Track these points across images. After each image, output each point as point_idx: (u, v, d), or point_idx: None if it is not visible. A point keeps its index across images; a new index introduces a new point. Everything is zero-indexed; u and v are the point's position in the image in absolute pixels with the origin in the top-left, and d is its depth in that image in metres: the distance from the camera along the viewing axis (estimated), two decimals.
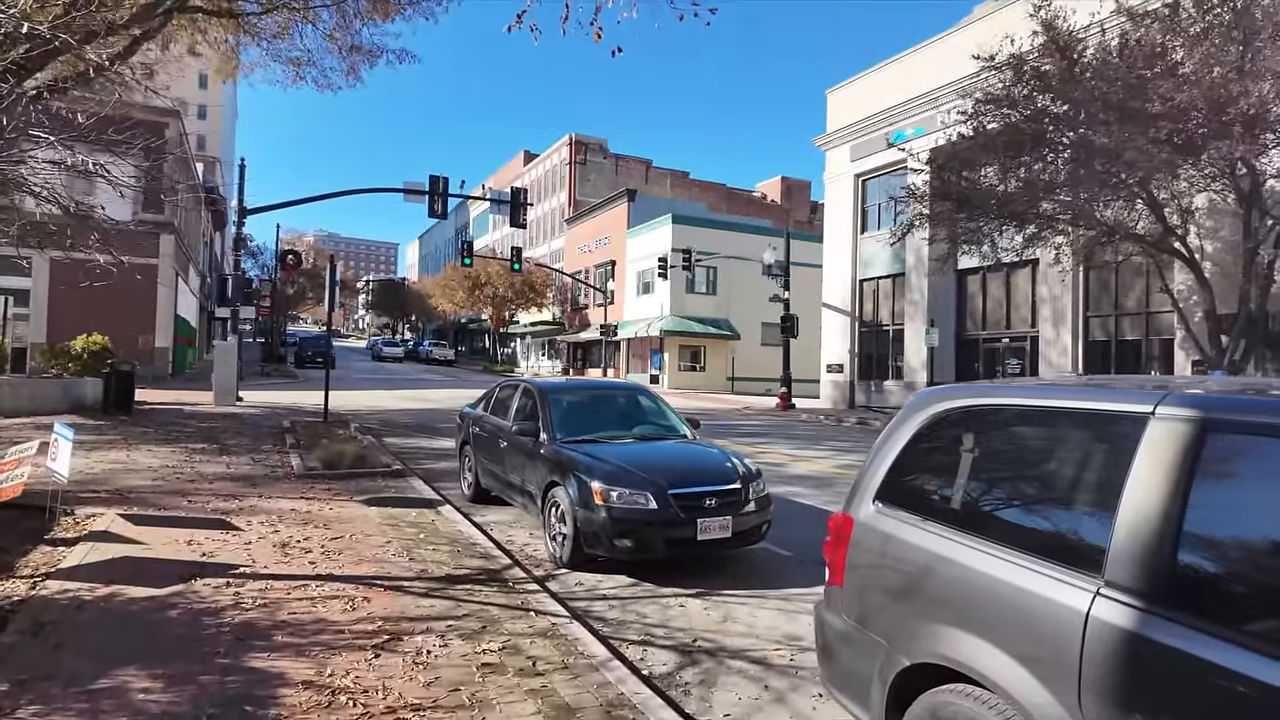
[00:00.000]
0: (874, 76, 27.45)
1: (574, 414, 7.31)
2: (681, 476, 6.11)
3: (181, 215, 32.43)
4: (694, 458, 6.66)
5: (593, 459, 6.25)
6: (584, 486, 5.97)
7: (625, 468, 6.08)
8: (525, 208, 23.79)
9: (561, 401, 7.41)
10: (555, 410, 7.19)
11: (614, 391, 8.24)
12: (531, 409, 7.55)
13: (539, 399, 7.40)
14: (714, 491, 6.00)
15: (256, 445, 11.74)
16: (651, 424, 7.57)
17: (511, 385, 8.44)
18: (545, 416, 7.11)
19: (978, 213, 14.51)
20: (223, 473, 9.23)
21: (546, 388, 7.65)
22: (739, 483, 6.19)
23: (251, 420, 15.34)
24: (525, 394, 7.86)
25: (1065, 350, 20.55)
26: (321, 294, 57.54)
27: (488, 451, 8.17)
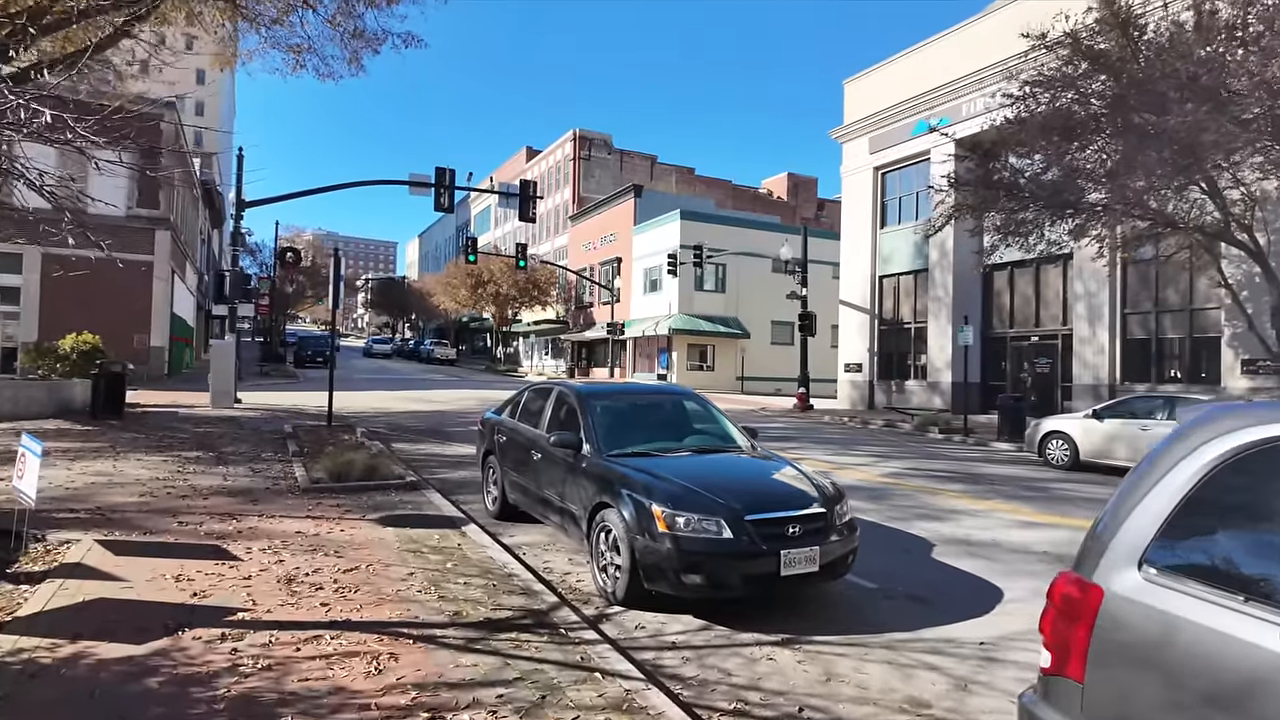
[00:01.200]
0: (893, 66, 26.54)
1: (619, 422, 6.40)
2: (757, 498, 5.20)
3: (178, 211, 31.49)
4: (766, 475, 5.76)
5: (651, 476, 5.35)
6: (643, 510, 5.06)
7: (691, 488, 5.18)
8: (534, 200, 22.86)
9: (604, 408, 6.50)
10: (597, 418, 6.28)
11: (660, 396, 7.33)
12: (568, 416, 6.65)
13: (577, 405, 6.49)
14: (797, 517, 5.09)
15: (256, 453, 10.83)
16: (705, 434, 6.66)
17: (542, 389, 7.53)
18: (586, 425, 6.20)
19: (1027, 201, 13.58)
20: (219, 486, 8.32)
21: (585, 392, 6.74)
22: (823, 505, 5.29)
23: (250, 424, 14.43)
24: (560, 399, 6.95)
25: (1102, 349, 19.66)
26: (321, 292, 56.66)
27: (517, 464, 7.26)
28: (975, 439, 17.43)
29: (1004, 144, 14.16)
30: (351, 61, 20.47)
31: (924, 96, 24.68)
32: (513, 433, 7.51)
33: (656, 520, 4.96)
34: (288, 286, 52.15)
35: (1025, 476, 12.13)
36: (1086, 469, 12.86)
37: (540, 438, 6.80)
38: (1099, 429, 12.61)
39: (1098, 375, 19.73)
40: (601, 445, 5.98)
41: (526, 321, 56.24)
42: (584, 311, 49.83)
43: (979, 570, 6.45)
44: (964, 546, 7.24)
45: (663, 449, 6.08)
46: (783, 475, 5.74)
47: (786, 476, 5.72)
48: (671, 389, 7.68)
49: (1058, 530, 8.14)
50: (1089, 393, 19.88)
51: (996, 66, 21.56)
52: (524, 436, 7.20)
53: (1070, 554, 7.00)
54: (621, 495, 5.29)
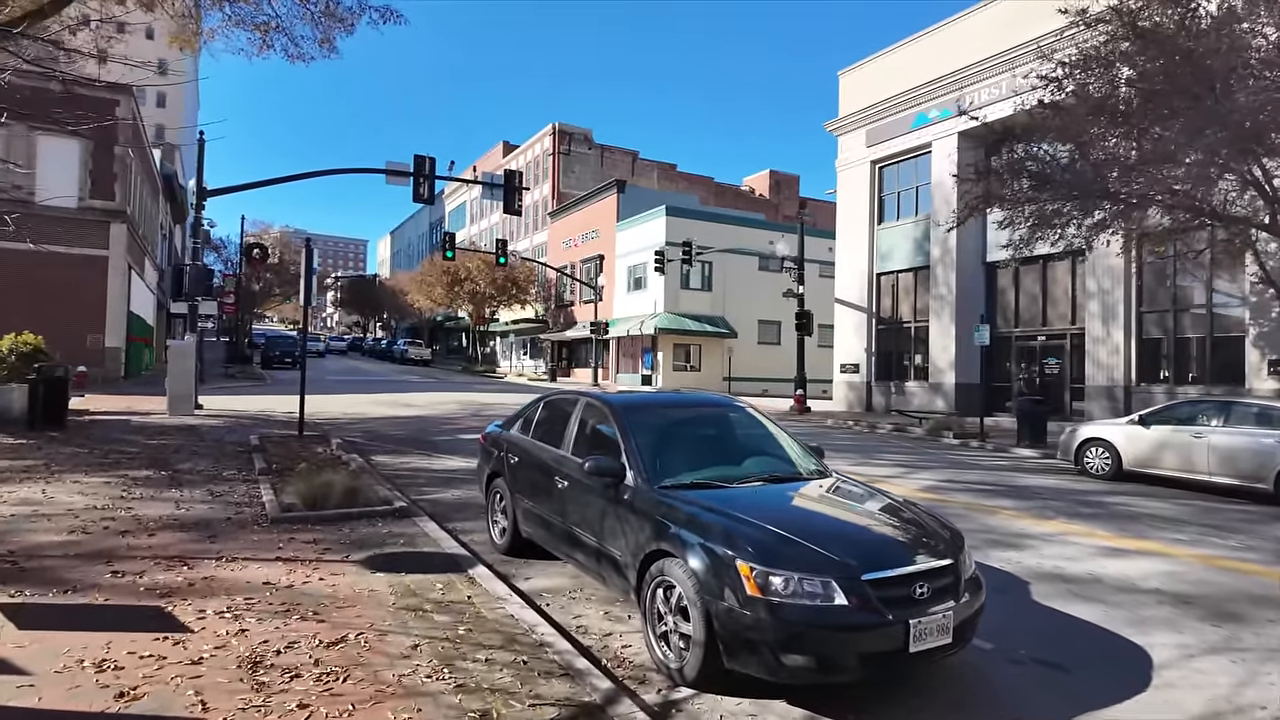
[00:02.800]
0: (892, 57, 25.61)
1: (666, 443, 5.21)
2: (871, 548, 4.04)
3: (136, 203, 29.62)
4: (870, 514, 4.59)
5: (727, 518, 4.16)
6: (722, 565, 3.88)
7: (784, 534, 4.00)
8: (520, 192, 21.54)
9: (649, 425, 5.30)
10: (642, 438, 5.07)
11: (705, 409, 6.10)
12: (600, 435, 5.45)
13: (615, 421, 5.27)
14: (924, 572, 3.94)
15: (217, 471, 9.44)
16: (767, 455, 5.49)
17: (564, 400, 6.30)
18: (629, 447, 4.99)
19: (1064, 191, 12.59)
20: (170, 517, 6.95)
21: (622, 405, 5.52)
22: (950, 554, 4.15)
23: (212, 435, 12.97)
24: (590, 413, 5.73)
25: (1117, 349, 18.85)
26: (290, 290, 54.62)
27: (533, 491, 6.02)
28: (993, 444, 16.48)
29: (1036, 130, 13.16)
30: (323, 42, 19.03)
31: (925, 87, 23.78)
32: (527, 453, 6.27)
33: (744, 580, 3.77)
34: (254, 284, 50.07)
35: (1072, 489, 11.14)
36: (1130, 479, 11.92)
37: (567, 461, 5.58)
38: (1145, 436, 11.67)
39: (1112, 376, 18.93)
40: (651, 473, 4.77)
41: (504, 321, 54.72)
42: (564, 310, 48.48)
43: (1099, 619, 5.36)
44: (1062, 584, 6.15)
45: (726, 477, 4.89)
46: (888, 513, 4.59)
47: (893, 514, 4.57)
48: (713, 400, 6.46)
49: (1152, 560, 7.09)
50: (1102, 394, 19.09)
51: (1015, 50, 20.76)
52: (543, 459, 5.96)
53: (1187, 593, 5.93)
54: (689, 543, 4.09)
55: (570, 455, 5.61)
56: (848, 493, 4.93)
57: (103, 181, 26.23)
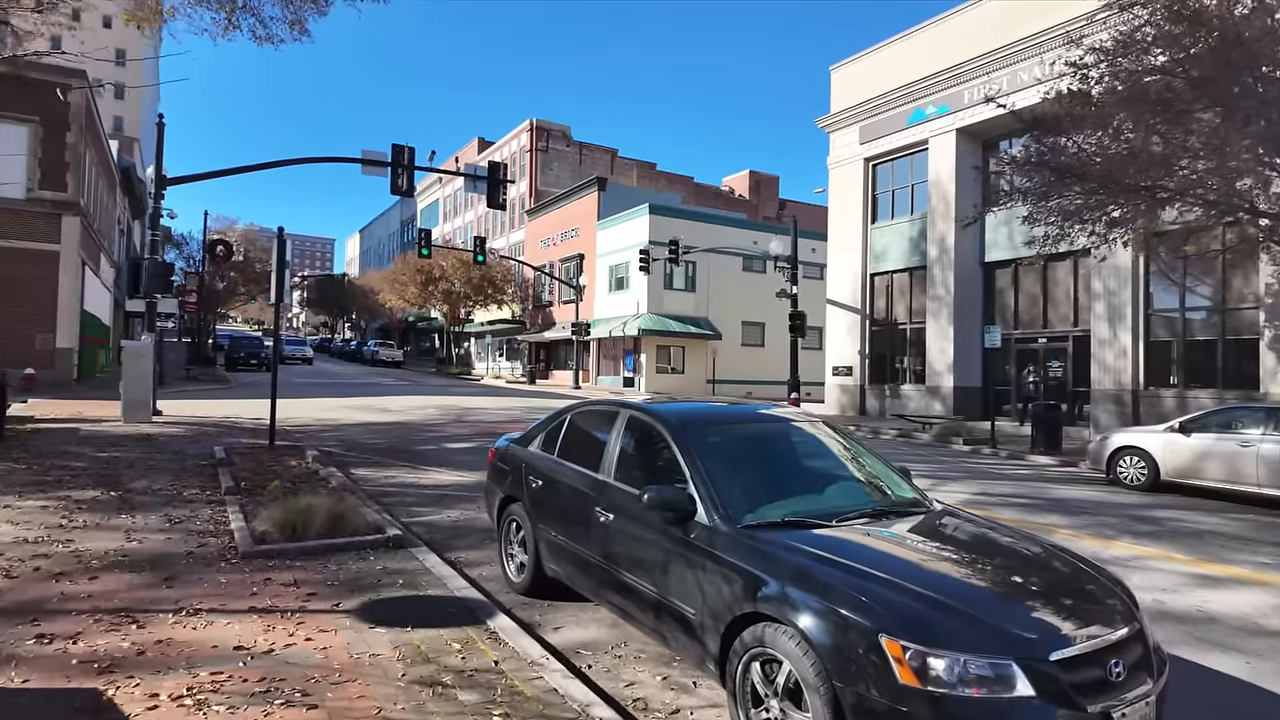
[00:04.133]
0: (886, 52, 24.97)
1: (739, 469, 4.25)
2: (1045, 614, 3.11)
3: (91, 195, 27.90)
4: (1021, 562, 3.65)
5: (851, 572, 3.20)
6: (856, 638, 2.92)
7: (931, 596, 3.05)
8: (505, 185, 20.44)
9: (716, 446, 4.32)
10: (712, 462, 4.10)
11: (767, 423, 5.09)
12: (655, 458, 4.47)
13: (675, 441, 4.29)
14: (1115, 644, 3.02)
15: (177, 490, 8.26)
16: (855, 480, 4.54)
17: (598, 413, 5.30)
18: (698, 474, 4.01)
19: (1091, 185, 11.86)
20: (118, 552, 5.82)
21: (679, 420, 4.52)
22: (1132, 616, 3.25)
23: (171, 446, 11.72)
24: (636, 429, 4.74)
25: (1124, 351, 18.30)
26: (255, 289, 52.72)
27: (564, 523, 5.01)
28: (1006, 451, 15.78)
29: (1063, 120, 12.41)
30: (294, 24, 17.79)
31: (922, 83, 23.15)
32: (554, 476, 5.25)
33: (892, 662, 2.81)
34: (218, 282, 48.10)
35: (1113, 502, 10.39)
36: (1168, 490, 11.23)
37: (610, 490, 4.58)
38: (1185, 445, 10.98)
39: (1119, 380, 18.38)
40: (730, 509, 3.80)
41: (479, 321, 53.35)
42: (542, 311, 47.32)
43: (1247, 674, 4.51)
44: (1176, 625, 5.30)
45: (820, 512, 3.92)
46: (1043, 560, 3.67)
47: (1050, 562, 3.65)
48: (765, 410, 5.48)
49: (1254, 591, 6.29)
50: (1109, 398, 18.54)
51: (1018, 44, 20.22)
52: (576, 484, 4.95)
53: None
54: (803, 605, 3.12)
55: (614, 481, 4.61)
56: (978, 534, 3.99)
57: (54, 171, 24.58)
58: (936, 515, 4.16)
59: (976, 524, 4.15)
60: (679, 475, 4.13)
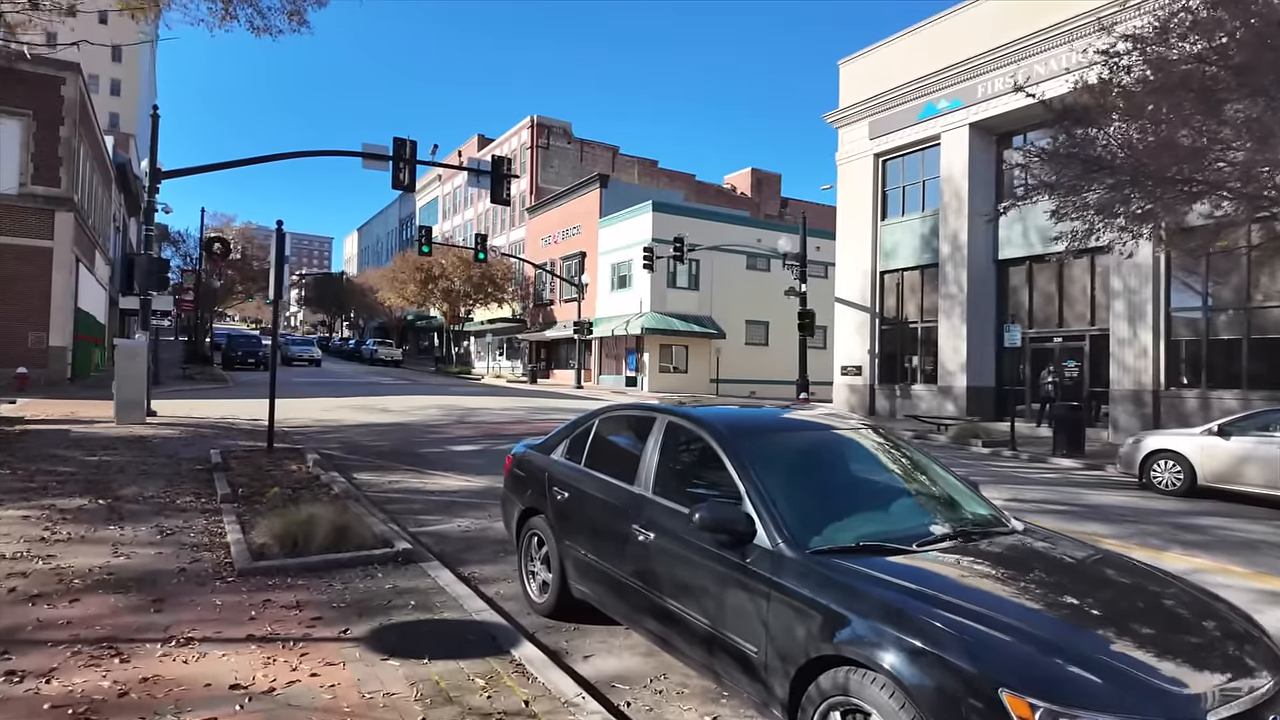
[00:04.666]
0: (896, 46, 24.50)
1: (801, 484, 3.79)
2: (1187, 661, 2.65)
3: (85, 191, 27.37)
4: (1141, 595, 3.18)
5: (951, 609, 2.73)
6: (968, 691, 2.46)
7: (1051, 640, 2.59)
8: (509, 180, 19.96)
9: (773, 458, 3.86)
10: (769, 476, 3.63)
11: (819, 430, 4.59)
12: (701, 470, 4.01)
13: (726, 452, 3.81)
14: (1270, 696, 2.56)
15: (169, 498, 7.78)
16: (926, 495, 4.07)
17: (631, 419, 4.84)
18: (755, 490, 3.54)
19: (1133, 177, 11.38)
20: (103, 569, 5.34)
21: (728, 428, 4.04)
22: (1275, 656, 2.79)
23: (165, 448, 11.23)
24: (677, 438, 4.27)
25: (1145, 351, 17.86)
26: (253, 288, 52.21)
27: (595, 540, 4.54)
28: (1028, 453, 15.33)
29: (1094, 110, 11.94)
30: (292, 15, 17.34)
31: (933, 77, 22.68)
32: (582, 488, 4.78)
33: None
34: (215, 280, 47.56)
35: (1152, 509, 9.95)
36: (1205, 495, 10.78)
37: (649, 505, 4.11)
38: (1224, 449, 10.53)
39: (1139, 380, 17.94)
40: (796, 532, 3.33)
41: (479, 320, 52.85)
42: (543, 309, 46.84)
43: None
44: None
45: (897, 535, 3.46)
46: (1161, 591, 3.20)
47: (1169, 593, 3.18)
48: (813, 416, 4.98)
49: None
50: (1128, 399, 18.10)
51: (1033, 37, 19.77)
52: (608, 498, 4.48)
53: None
54: (893, 647, 2.66)
55: (652, 496, 4.15)
56: (1083, 561, 3.50)
57: (47, 166, 24.06)
58: (1026, 537, 3.70)
59: (1075, 547, 3.68)
60: (730, 491, 3.67)
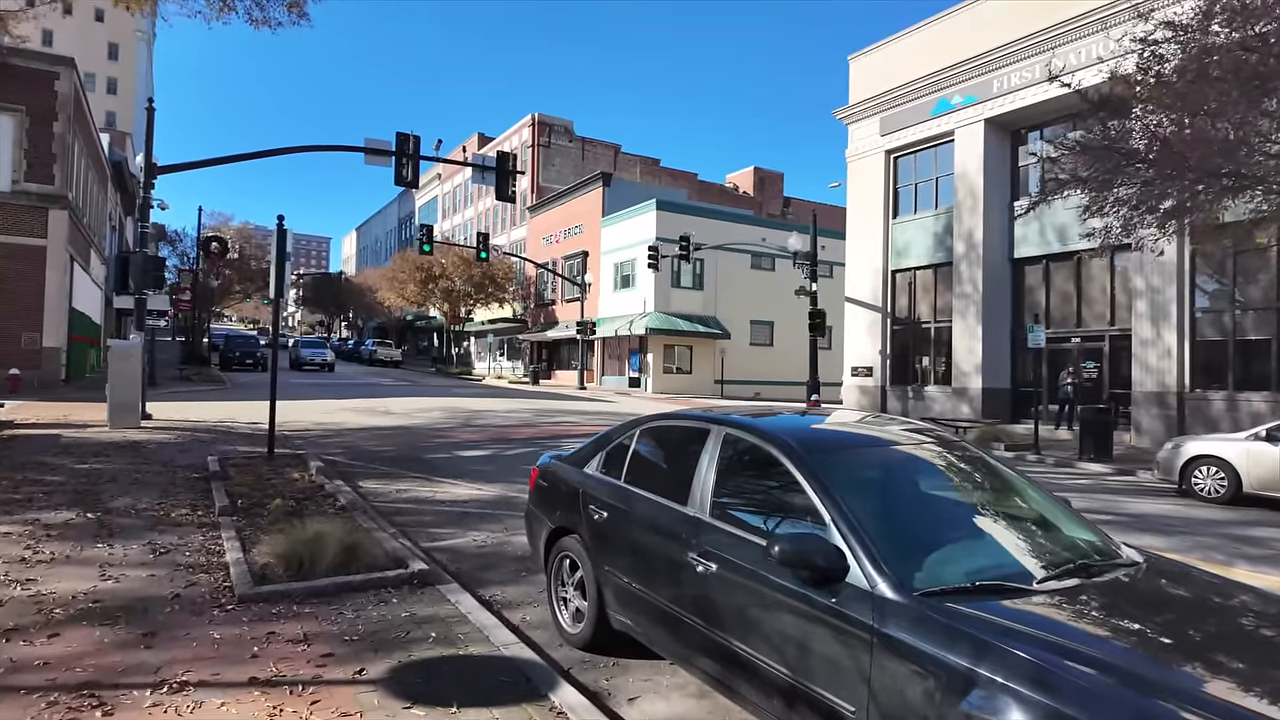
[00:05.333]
0: (908, 40, 24.02)
1: (893, 509, 3.30)
2: None
3: (80, 188, 26.82)
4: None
5: (1117, 676, 2.23)
6: None
7: (1250, 713, 2.09)
8: (514, 176, 19.46)
9: (860, 480, 3.37)
10: (859, 501, 3.12)
11: (903, 444, 4.00)
12: (770, 492, 3.52)
13: (800, 471, 3.29)
14: None
15: (164, 510, 7.27)
16: (1024, 519, 3.55)
17: (679, 430, 4.33)
18: (842, 517, 3.02)
19: (1165, 173, 10.91)
20: (89, 595, 4.83)
21: (803, 444, 3.49)
22: None
23: (160, 455, 10.71)
24: (737, 453, 3.77)
25: (1169, 352, 17.38)
26: (251, 287, 51.66)
27: (641, 567, 4.03)
28: (1054, 458, 14.85)
29: (1131, 101, 11.45)
30: (292, 6, 16.85)
31: (947, 72, 22.20)
32: (624, 507, 4.27)
33: None
34: (213, 280, 46.99)
35: (1203, 519, 9.47)
36: (1251, 503, 10.31)
37: (706, 530, 3.60)
38: (1272, 454, 10.05)
39: (1163, 381, 17.46)
40: (897, 569, 2.83)
41: (479, 320, 52.31)
42: (544, 310, 46.33)
43: None
44: None
45: (1010, 571, 2.96)
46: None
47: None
48: (896, 427, 4.44)
49: None
50: (1152, 401, 17.62)
51: (1053, 30, 19.30)
52: (656, 520, 3.97)
53: None
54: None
55: (710, 519, 3.64)
56: (1241, 601, 2.99)
57: (40, 163, 23.50)
58: (1155, 570, 3.20)
59: (1218, 585, 3.18)
60: (810, 517, 3.16)
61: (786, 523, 3.28)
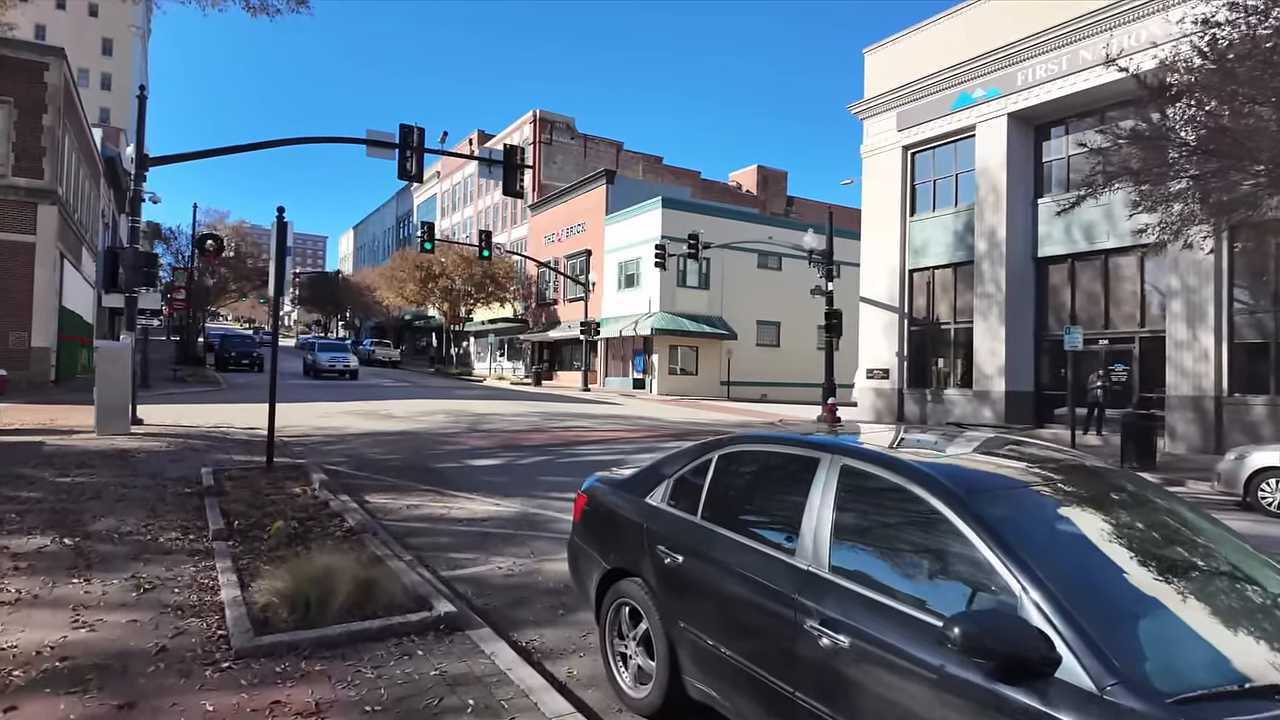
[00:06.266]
0: (926, 33, 23.30)
1: (1107, 577, 2.53)
2: None
3: (70, 183, 25.97)
4: None
5: None
6: None
7: None
8: (522, 170, 18.70)
9: (1050, 535, 2.62)
10: (1056, 565, 2.37)
11: (1075, 476, 3.20)
12: (918, 544, 2.78)
13: (971, 523, 2.52)
14: None
15: (150, 535, 6.49)
16: (1252, 583, 2.78)
17: (777, 456, 3.58)
18: (1043, 590, 2.25)
19: (1228, 164, 10.19)
20: (56, 648, 4.06)
21: (958, 481, 2.73)
22: None
23: (149, 465, 9.93)
24: (863, 491, 3.01)
25: (1206, 354, 16.68)
26: (247, 285, 50.85)
27: (731, 626, 3.28)
28: None
29: (1190, 88, 10.71)
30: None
31: (968, 65, 21.49)
32: (704, 549, 3.51)
33: None
34: (208, 279, 46.16)
35: (1273, 535, 8.76)
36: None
37: (831, 590, 2.84)
38: None
39: (1199, 385, 16.76)
40: (1133, 664, 2.08)
41: (479, 320, 51.49)
42: (546, 309, 45.54)
43: None
44: None
45: (1261, 661, 2.23)
46: None
47: None
48: (1055, 453, 3.63)
49: None
50: (1187, 405, 16.93)
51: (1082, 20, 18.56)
52: (752, 571, 3.21)
53: None
54: None
55: (830, 576, 2.89)
56: None
57: (29, 156, 22.68)
58: None
59: None
60: (985, 581, 2.42)
61: (948, 587, 2.54)
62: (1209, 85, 10.27)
